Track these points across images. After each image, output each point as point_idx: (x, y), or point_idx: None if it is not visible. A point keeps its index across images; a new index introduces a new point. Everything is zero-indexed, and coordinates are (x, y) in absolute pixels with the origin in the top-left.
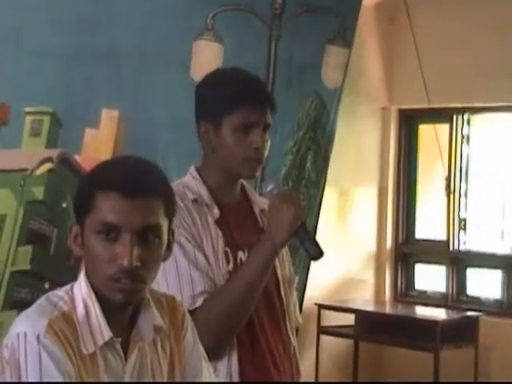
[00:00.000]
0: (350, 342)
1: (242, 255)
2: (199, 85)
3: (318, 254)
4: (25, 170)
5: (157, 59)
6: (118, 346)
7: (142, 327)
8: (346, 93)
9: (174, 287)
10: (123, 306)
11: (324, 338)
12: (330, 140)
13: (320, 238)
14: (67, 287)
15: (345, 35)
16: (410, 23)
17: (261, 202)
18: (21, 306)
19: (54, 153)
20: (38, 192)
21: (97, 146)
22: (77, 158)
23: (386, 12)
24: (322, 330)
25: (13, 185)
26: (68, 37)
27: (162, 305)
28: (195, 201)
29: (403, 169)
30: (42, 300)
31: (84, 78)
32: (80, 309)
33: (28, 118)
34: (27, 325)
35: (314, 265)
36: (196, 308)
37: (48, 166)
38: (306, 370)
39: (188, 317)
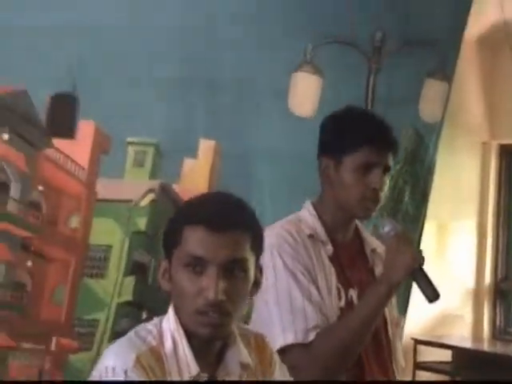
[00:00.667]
0: (446, 378)
1: (352, 292)
2: (325, 120)
3: (435, 296)
4: (129, 200)
5: (255, 90)
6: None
7: (228, 363)
8: (446, 126)
9: (287, 320)
10: (210, 341)
11: (420, 374)
12: (429, 173)
13: None
14: (156, 321)
15: (445, 69)
16: None
17: (372, 242)
18: (120, 336)
19: (155, 184)
20: (142, 223)
21: (194, 175)
22: (175, 187)
23: (488, 45)
24: (419, 366)
25: (117, 215)
26: (169, 67)
27: (250, 342)
28: (311, 236)
29: (503, 204)
30: (131, 334)
31: (184, 109)
32: (168, 344)
33: (131, 149)
34: (116, 359)
35: (411, 300)
36: (309, 342)
37: (151, 196)
38: None
39: (276, 356)
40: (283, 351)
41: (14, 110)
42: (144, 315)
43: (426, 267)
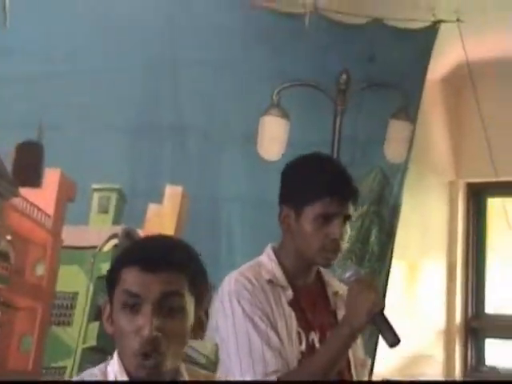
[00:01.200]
0: None
1: (314, 336)
2: (285, 169)
3: (395, 341)
4: (94, 247)
5: (222, 135)
6: None
7: None
8: (412, 166)
9: (246, 365)
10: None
11: None
12: (394, 214)
13: (388, 312)
14: (102, 365)
15: (409, 110)
16: (476, 96)
17: (335, 285)
18: None
19: (118, 229)
20: (105, 267)
21: (159, 221)
22: (140, 232)
23: (451, 85)
24: None
25: (82, 262)
26: (133, 113)
27: None
28: (270, 281)
29: (472, 242)
30: (76, 378)
31: (148, 154)
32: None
33: (96, 195)
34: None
35: (382, 340)
36: None
37: (114, 241)
38: None
39: None
40: None
41: None
42: (110, 359)
43: (396, 307)
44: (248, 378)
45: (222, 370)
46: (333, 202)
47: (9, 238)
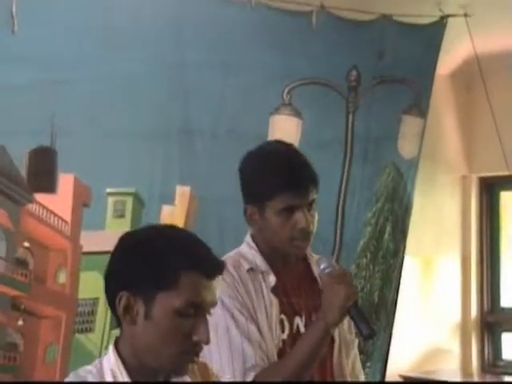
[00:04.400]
0: None
1: (299, 321)
2: (241, 167)
3: (370, 333)
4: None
5: (231, 135)
6: None
7: None
8: (424, 162)
9: (226, 359)
10: (156, 375)
11: None
12: (407, 211)
13: (404, 308)
14: (97, 361)
15: (420, 105)
16: (486, 90)
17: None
18: None
19: None
20: None
21: (172, 221)
22: None
23: (461, 80)
24: None
25: (101, 267)
26: (143, 116)
27: (193, 370)
28: (251, 269)
29: (486, 236)
30: (71, 375)
31: (160, 157)
32: (108, 379)
33: (110, 200)
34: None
35: (398, 336)
36: (247, 383)
37: None
38: None
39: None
40: None
41: None
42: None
43: (411, 303)
44: (227, 375)
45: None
46: (294, 194)
47: (26, 244)
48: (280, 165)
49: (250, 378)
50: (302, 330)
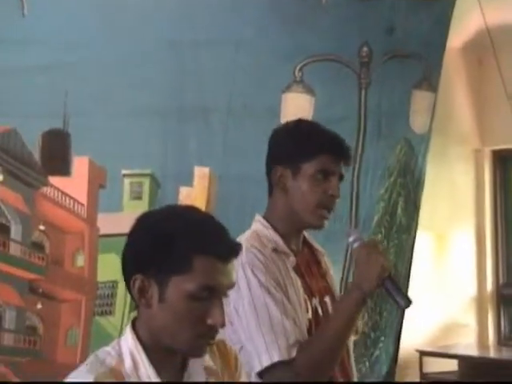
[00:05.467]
0: None
1: (315, 302)
2: (278, 131)
3: (406, 303)
4: None
5: (245, 113)
6: None
7: (193, 370)
8: (437, 136)
9: (270, 338)
10: (174, 354)
11: None
12: (419, 185)
13: (419, 283)
14: (114, 342)
15: (431, 79)
16: (498, 63)
17: (319, 247)
18: None
19: None
20: None
21: (192, 203)
22: None
23: (473, 53)
24: (425, 377)
25: (120, 249)
26: (157, 96)
27: (212, 349)
28: (275, 250)
29: (500, 209)
30: (91, 357)
31: (176, 137)
32: (127, 361)
33: (127, 181)
34: (75, 383)
35: (413, 311)
36: (292, 358)
37: None
38: None
39: (240, 359)
40: (267, 370)
41: (5, 150)
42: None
43: (426, 278)
44: (274, 353)
45: (232, 339)
46: (330, 159)
47: (42, 228)
48: (321, 131)
49: (293, 354)
50: (320, 311)
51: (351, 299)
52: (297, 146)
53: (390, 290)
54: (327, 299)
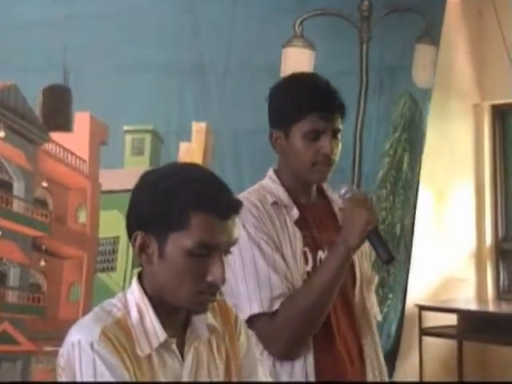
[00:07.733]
0: (453, 342)
1: (321, 255)
2: (270, 93)
3: (388, 258)
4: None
5: (243, 69)
6: (174, 347)
7: (196, 327)
8: (436, 91)
9: (253, 288)
10: (177, 310)
11: (427, 340)
12: (423, 139)
13: (419, 238)
14: (120, 295)
15: (432, 33)
16: (497, 16)
17: (338, 201)
18: None
19: None
20: None
21: (190, 158)
22: None
23: (473, 6)
24: (424, 332)
25: (121, 205)
26: (154, 51)
27: (213, 307)
28: (275, 203)
29: (499, 164)
30: (96, 309)
31: (174, 93)
32: (134, 313)
33: (128, 137)
34: (81, 333)
35: (414, 266)
36: (274, 311)
37: None
38: (411, 372)
39: (241, 319)
40: (250, 321)
41: (5, 106)
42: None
43: (426, 232)
44: (255, 304)
45: (227, 293)
46: (319, 117)
47: (45, 184)
48: (308, 88)
49: (276, 307)
50: None
51: (337, 253)
52: (284, 108)
53: (374, 243)
54: None
